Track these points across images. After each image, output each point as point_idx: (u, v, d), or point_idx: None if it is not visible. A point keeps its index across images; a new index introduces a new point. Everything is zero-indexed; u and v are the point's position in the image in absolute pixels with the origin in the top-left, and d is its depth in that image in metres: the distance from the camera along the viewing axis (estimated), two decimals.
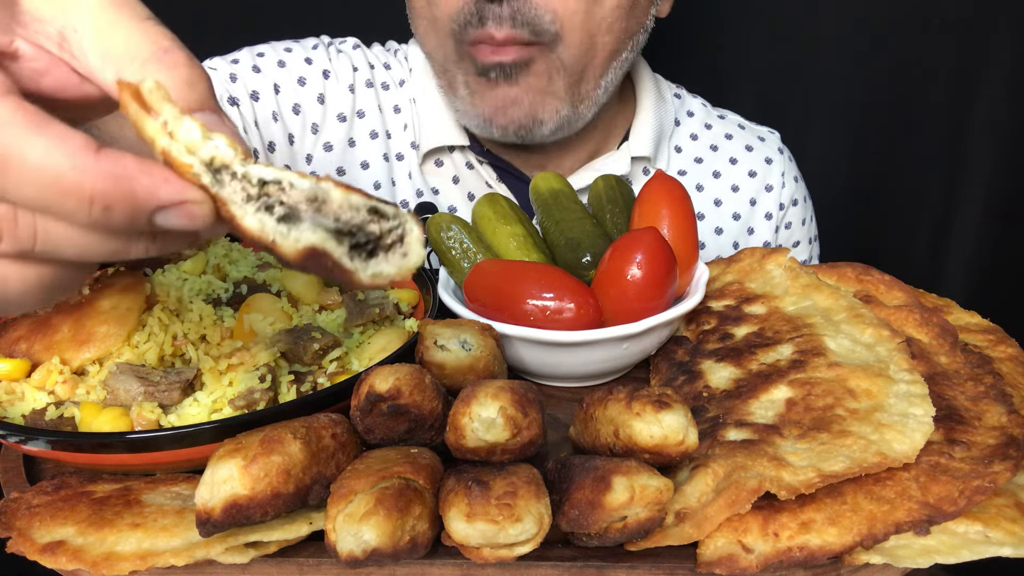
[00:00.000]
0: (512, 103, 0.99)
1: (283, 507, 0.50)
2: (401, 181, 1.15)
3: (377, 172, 1.15)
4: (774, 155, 1.26)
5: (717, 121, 1.28)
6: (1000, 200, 1.66)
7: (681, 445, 0.52)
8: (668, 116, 1.22)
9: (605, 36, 0.98)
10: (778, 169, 1.25)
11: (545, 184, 0.90)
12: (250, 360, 0.64)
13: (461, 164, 1.15)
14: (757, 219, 1.24)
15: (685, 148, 1.24)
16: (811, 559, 0.51)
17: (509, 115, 1.00)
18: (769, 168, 1.25)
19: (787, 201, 1.25)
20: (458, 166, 1.15)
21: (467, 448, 0.54)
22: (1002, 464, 0.54)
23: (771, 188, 1.24)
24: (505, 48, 0.95)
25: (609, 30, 0.98)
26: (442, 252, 0.83)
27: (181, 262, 0.73)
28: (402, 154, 1.16)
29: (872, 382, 0.62)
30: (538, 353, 0.71)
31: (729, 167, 1.24)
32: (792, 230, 1.27)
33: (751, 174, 1.24)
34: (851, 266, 0.80)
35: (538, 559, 0.53)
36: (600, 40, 0.98)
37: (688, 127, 1.25)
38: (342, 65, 1.15)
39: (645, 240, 0.69)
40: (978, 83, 1.59)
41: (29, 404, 0.64)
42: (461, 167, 1.15)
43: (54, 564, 0.51)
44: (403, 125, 1.16)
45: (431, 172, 1.15)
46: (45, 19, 0.41)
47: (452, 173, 1.15)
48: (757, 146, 1.26)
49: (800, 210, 1.28)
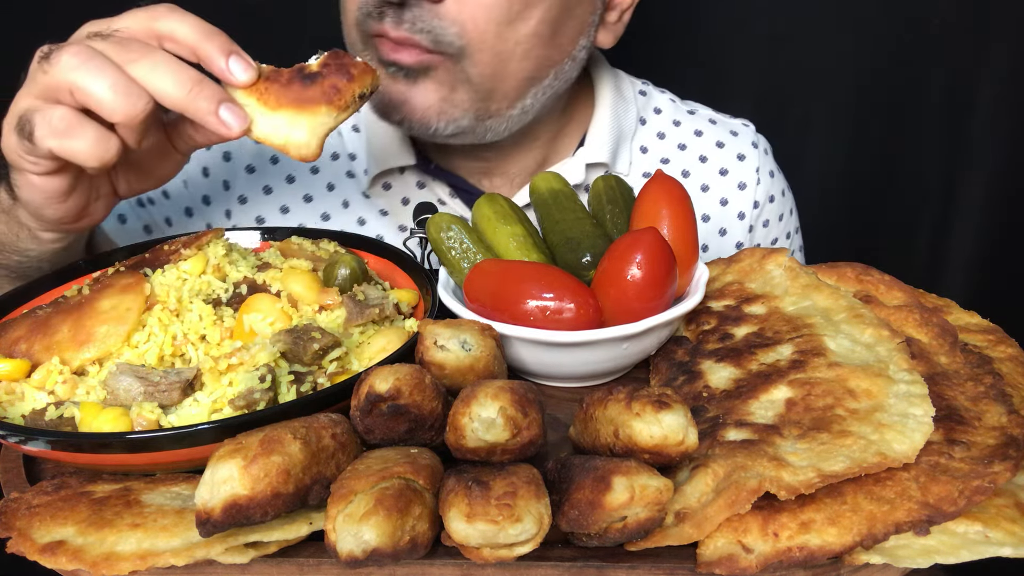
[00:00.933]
0: (405, 103, 0.94)
1: (283, 507, 0.50)
2: (348, 209, 1.12)
3: (323, 204, 1.12)
4: (747, 150, 1.21)
5: (686, 117, 1.22)
6: (1000, 200, 1.66)
7: (681, 445, 0.52)
8: (629, 116, 1.17)
9: (521, 62, 0.94)
10: (751, 165, 1.20)
11: (545, 184, 0.90)
12: (250, 360, 0.64)
13: (412, 184, 1.12)
14: (729, 219, 1.19)
15: (651, 148, 1.18)
16: (811, 559, 0.51)
17: (402, 112, 0.95)
18: (742, 164, 1.19)
19: (763, 198, 1.20)
20: (408, 186, 1.12)
21: (467, 448, 0.54)
22: (1002, 464, 0.54)
23: (744, 186, 1.19)
24: (405, 48, 0.91)
25: (525, 56, 0.94)
26: (442, 252, 0.83)
27: (181, 262, 0.73)
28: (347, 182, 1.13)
29: (872, 382, 0.62)
30: (538, 353, 0.71)
31: (699, 165, 1.19)
32: (769, 228, 1.22)
33: (722, 172, 1.19)
34: (851, 266, 0.80)
35: (538, 559, 0.53)
36: (514, 65, 0.94)
37: (655, 125, 1.20)
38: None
39: (645, 240, 0.69)
40: (978, 83, 1.59)
41: (29, 404, 0.64)
42: (411, 187, 1.12)
43: (54, 564, 0.51)
44: (349, 155, 1.14)
45: (380, 196, 1.12)
46: None
47: (402, 194, 1.12)
48: (729, 142, 1.21)
49: (777, 206, 1.23)
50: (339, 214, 1.12)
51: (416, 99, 0.94)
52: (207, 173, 1.13)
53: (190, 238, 0.77)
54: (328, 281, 0.76)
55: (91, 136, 0.64)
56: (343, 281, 0.76)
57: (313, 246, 0.84)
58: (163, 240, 0.79)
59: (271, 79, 0.69)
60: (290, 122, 0.68)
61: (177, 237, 0.79)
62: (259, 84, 0.68)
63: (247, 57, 0.68)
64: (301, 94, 0.68)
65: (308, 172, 1.13)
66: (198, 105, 0.65)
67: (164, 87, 0.64)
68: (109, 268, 0.77)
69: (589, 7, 1.00)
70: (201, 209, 1.14)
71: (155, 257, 0.75)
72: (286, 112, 0.68)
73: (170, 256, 0.75)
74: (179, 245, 0.76)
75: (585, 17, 1.00)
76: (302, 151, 0.69)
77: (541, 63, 0.96)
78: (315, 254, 0.82)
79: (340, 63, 0.70)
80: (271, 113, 0.68)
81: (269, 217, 1.12)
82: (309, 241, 0.85)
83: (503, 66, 0.93)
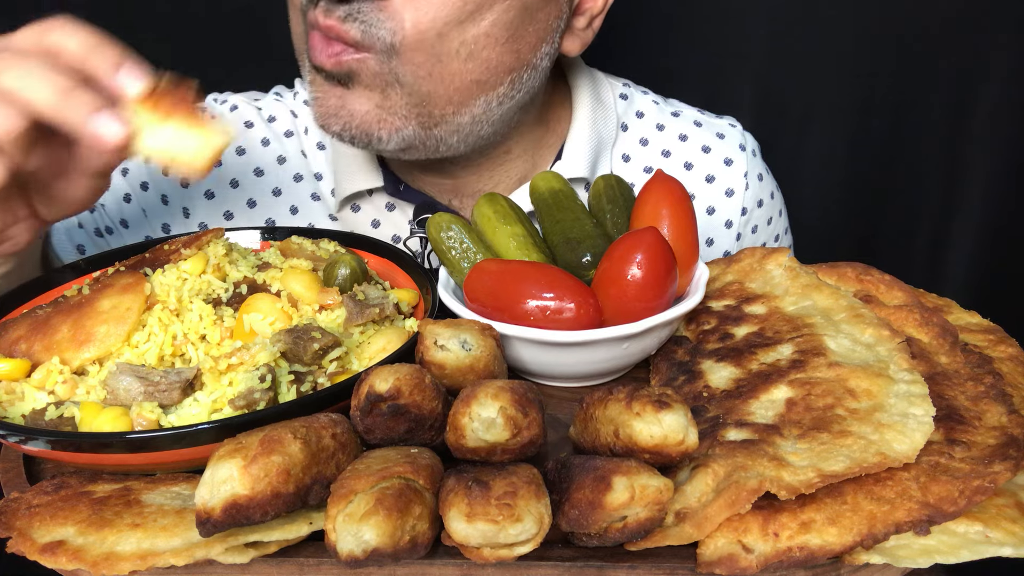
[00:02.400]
0: (342, 108, 0.89)
1: (283, 507, 0.50)
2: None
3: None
4: (734, 154, 1.14)
5: (671, 120, 1.15)
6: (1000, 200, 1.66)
7: (681, 445, 0.52)
8: (608, 125, 1.10)
9: (465, 63, 0.87)
10: (739, 170, 1.13)
11: (545, 184, 0.90)
12: (250, 360, 0.64)
13: (381, 205, 1.07)
14: (716, 228, 1.14)
15: (634, 156, 1.12)
16: (811, 559, 0.51)
17: (343, 121, 0.89)
18: (729, 170, 1.14)
19: (751, 204, 1.15)
20: (378, 208, 1.07)
21: (467, 448, 0.54)
22: (1002, 464, 0.54)
23: (732, 192, 1.13)
24: (329, 46, 0.85)
25: (470, 58, 0.87)
26: (442, 252, 0.83)
27: (181, 262, 0.73)
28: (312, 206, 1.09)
29: (872, 382, 0.62)
30: (538, 353, 0.71)
31: (685, 173, 1.13)
32: (758, 233, 1.17)
33: (709, 179, 1.13)
34: (851, 266, 0.80)
35: (538, 559, 0.53)
36: (456, 66, 0.87)
37: (637, 131, 1.14)
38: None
39: (645, 240, 0.69)
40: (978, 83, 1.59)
41: (29, 404, 0.64)
42: (381, 209, 1.07)
43: (54, 564, 0.52)
44: (315, 175, 1.09)
45: (348, 218, 1.07)
46: None
47: (372, 216, 1.07)
48: (715, 146, 1.14)
49: (766, 210, 1.17)
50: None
51: (352, 105, 0.88)
52: (166, 201, 1.09)
53: (190, 238, 0.77)
54: (328, 281, 0.76)
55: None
56: (343, 281, 0.76)
57: (313, 246, 0.84)
58: (162, 240, 0.79)
59: (167, 91, 0.64)
60: (180, 134, 0.64)
61: (177, 237, 0.79)
62: (154, 95, 0.64)
63: (140, 68, 0.64)
64: (190, 108, 0.64)
65: (271, 195, 1.08)
66: (69, 113, 0.60)
67: (35, 95, 0.60)
68: (109, 268, 0.77)
69: (555, 11, 0.93)
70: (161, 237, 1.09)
71: (155, 257, 0.75)
72: (176, 123, 0.63)
73: (170, 256, 0.75)
74: (179, 245, 0.76)
75: (549, 22, 0.93)
76: (186, 167, 0.65)
77: (491, 67, 0.89)
78: (315, 254, 0.82)
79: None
80: (161, 124, 0.63)
81: None
82: (309, 241, 0.85)
83: (441, 67, 0.86)
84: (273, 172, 1.09)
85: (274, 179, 1.09)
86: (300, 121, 1.12)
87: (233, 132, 0.64)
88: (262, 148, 1.10)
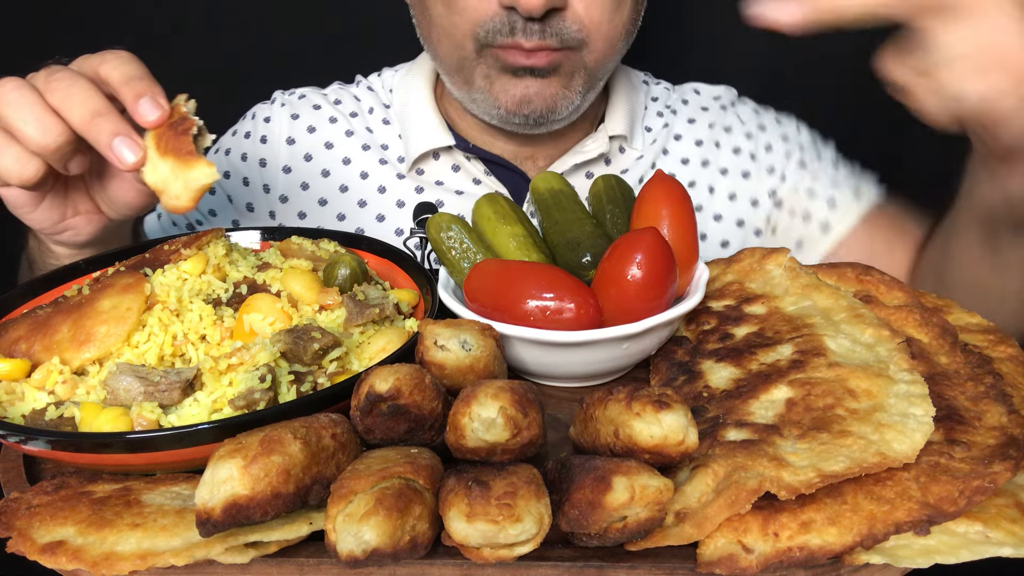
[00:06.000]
0: (536, 95, 1.04)
1: (283, 507, 0.50)
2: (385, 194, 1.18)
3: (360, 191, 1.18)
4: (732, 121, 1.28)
5: (681, 106, 1.30)
6: None
7: (681, 445, 0.52)
8: (639, 100, 1.27)
9: (621, 41, 1.07)
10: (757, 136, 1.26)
11: (545, 184, 0.90)
12: (250, 360, 0.64)
13: (447, 168, 1.18)
14: (760, 191, 1.24)
15: (655, 128, 1.27)
16: (811, 559, 0.51)
17: (532, 106, 1.04)
18: (749, 142, 1.26)
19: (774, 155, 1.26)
20: (443, 170, 1.18)
21: (467, 448, 0.54)
22: (1002, 464, 0.54)
23: (755, 156, 1.26)
24: (537, 54, 0.99)
25: (626, 35, 1.07)
26: (442, 252, 0.83)
27: (181, 262, 0.73)
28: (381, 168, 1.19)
29: (872, 382, 0.62)
30: (538, 353, 0.71)
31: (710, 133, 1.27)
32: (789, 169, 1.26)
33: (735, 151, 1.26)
34: (851, 266, 0.80)
35: (538, 559, 0.53)
36: (618, 45, 1.07)
37: (654, 111, 1.29)
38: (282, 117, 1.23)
39: (645, 240, 0.69)
40: None
41: (29, 404, 0.64)
42: (447, 171, 1.18)
43: (54, 564, 0.52)
44: (381, 144, 1.21)
45: (414, 179, 1.18)
46: None
47: (435, 177, 1.18)
48: (734, 124, 1.28)
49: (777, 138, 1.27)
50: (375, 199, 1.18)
51: (546, 90, 1.03)
52: (247, 182, 1.22)
53: (190, 238, 0.77)
54: (328, 281, 0.76)
55: (10, 158, 0.71)
56: (343, 281, 0.76)
57: (313, 246, 0.84)
58: (164, 240, 0.79)
59: (173, 126, 0.71)
60: (172, 171, 0.70)
61: (177, 237, 0.79)
62: (162, 128, 0.71)
63: (160, 102, 0.71)
64: (184, 146, 0.70)
65: (341, 163, 1.20)
66: (94, 134, 0.70)
67: (71, 114, 0.70)
68: (109, 268, 0.77)
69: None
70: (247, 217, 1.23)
71: (155, 257, 0.75)
72: (169, 160, 0.70)
73: (170, 256, 0.75)
74: (179, 245, 0.76)
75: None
76: (172, 202, 0.70)
77: (627, 31, 1.08)
78: (315, 254, 0.82)
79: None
80: (159, 159, 0.70)
81: (310, 211, 1.19)
82: (309, 241, 0.85)
83: (612, 48, 1.06)
84: (342, 144, 1.21)
85: (343, 151, 1.21)
86: (363, 104, 1.25)
87: (217, 173, 0.70)
88: (330, 125, 1.22)
